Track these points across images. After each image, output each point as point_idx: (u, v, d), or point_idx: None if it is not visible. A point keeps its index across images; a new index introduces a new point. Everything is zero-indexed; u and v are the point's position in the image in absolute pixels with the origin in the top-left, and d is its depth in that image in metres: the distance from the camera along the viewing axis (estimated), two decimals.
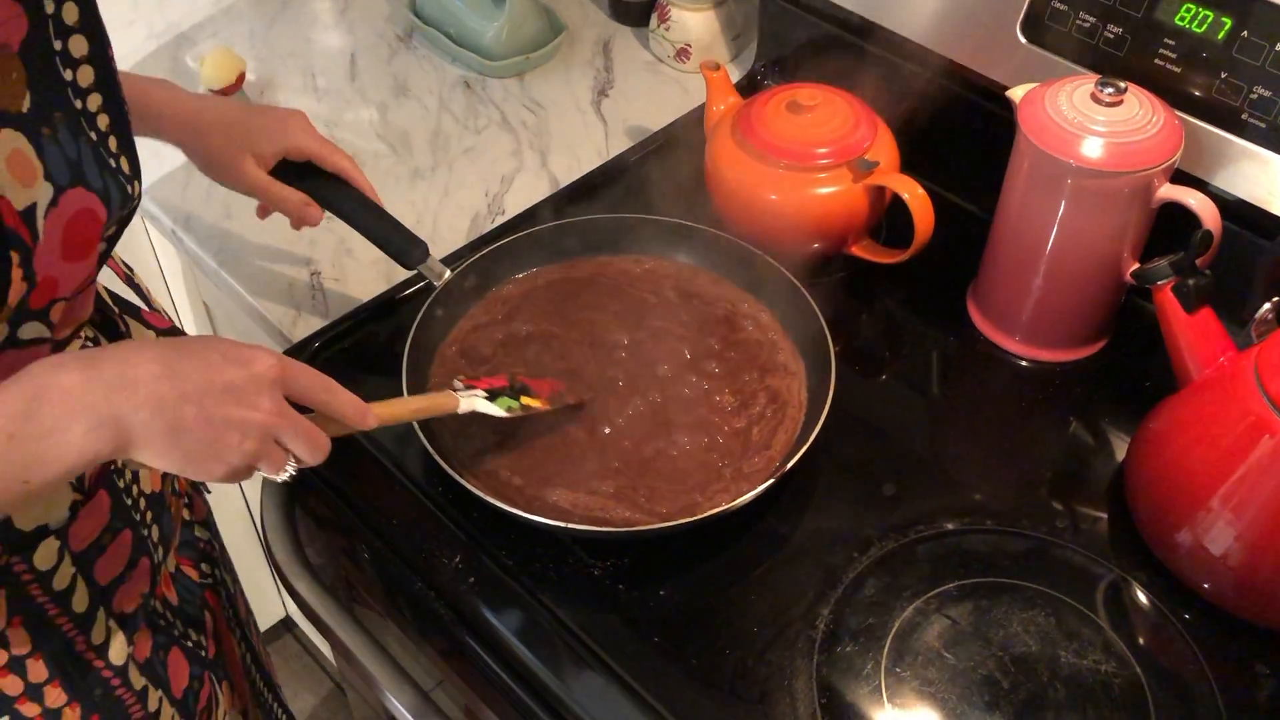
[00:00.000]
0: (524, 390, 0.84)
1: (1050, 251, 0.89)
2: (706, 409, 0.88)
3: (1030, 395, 0.95)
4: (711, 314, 0.95)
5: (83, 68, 0.63)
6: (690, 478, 0.84)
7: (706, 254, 0.99)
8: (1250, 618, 0.78)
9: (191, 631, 0.86)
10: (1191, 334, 0.81)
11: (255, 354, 0.64)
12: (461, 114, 1.22)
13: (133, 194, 0.68)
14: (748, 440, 0.86)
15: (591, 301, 0.96)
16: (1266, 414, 0.73)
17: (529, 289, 0.98)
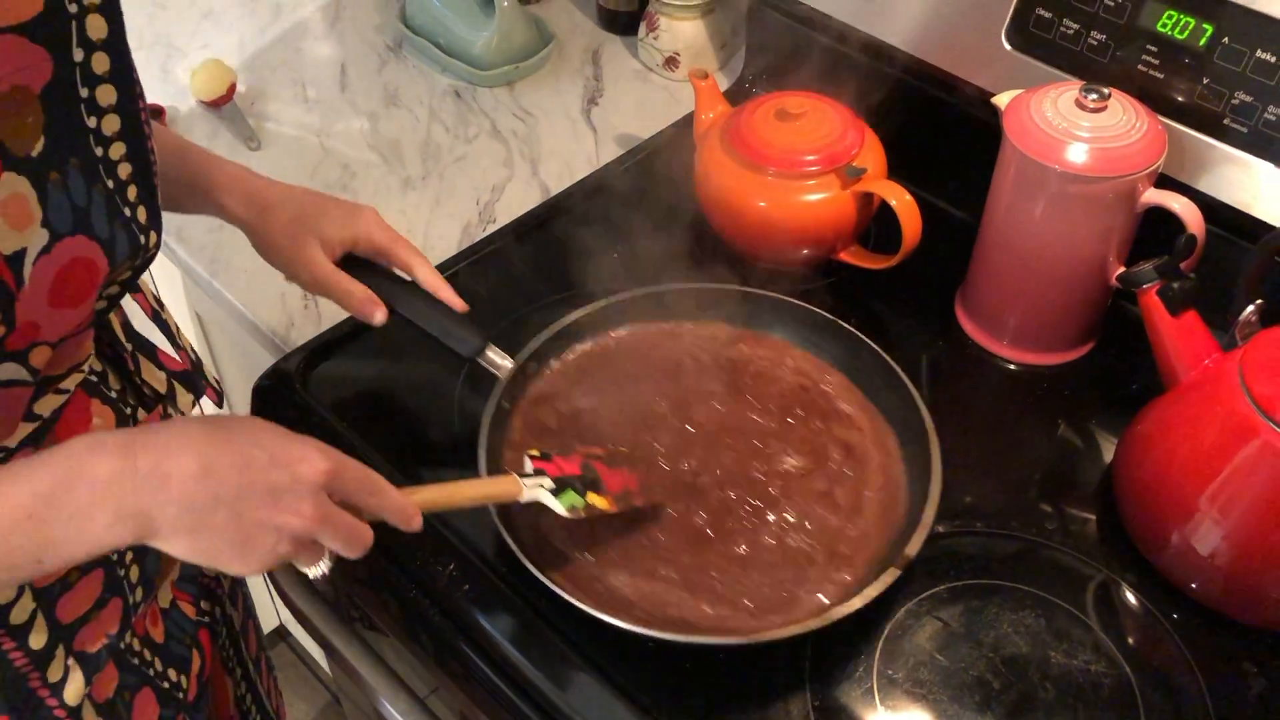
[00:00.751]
0: (594, 483, 0.78)
1: (1037, 256, 0.90)
2: (779, 476, 0.84)
3: (1019, 398, 0.96)
4: (764, 372, 0.92)
5: (108, 116, 0.62)
6: (777, 565, 0.79)
7: (752, 314, 0.95)
8: (1238, 617, 0.79)
9: (172, 671, 0.82)
10: (1177, 337, 0.81)
11: (303, 455, 0.62)
12: (452, 123, 1.23)
13: (147, 244, 0.67)
14: (833, 505, 0.82)
15: (649, 374, 0.92)
16: (1251, 415, 0.73)
17: (586, 365, 0.93)
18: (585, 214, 1.10)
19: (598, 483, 0.78)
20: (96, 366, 0.72)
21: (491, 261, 1.05)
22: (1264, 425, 0.73)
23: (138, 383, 0.77)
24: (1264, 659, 0.77)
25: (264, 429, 0.63)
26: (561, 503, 0.75)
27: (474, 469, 0.80)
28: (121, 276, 0.67)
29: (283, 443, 0.62)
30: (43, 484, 0.56)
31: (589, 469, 0.79)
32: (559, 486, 0.75)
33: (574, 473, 0.77)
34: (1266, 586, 0.77)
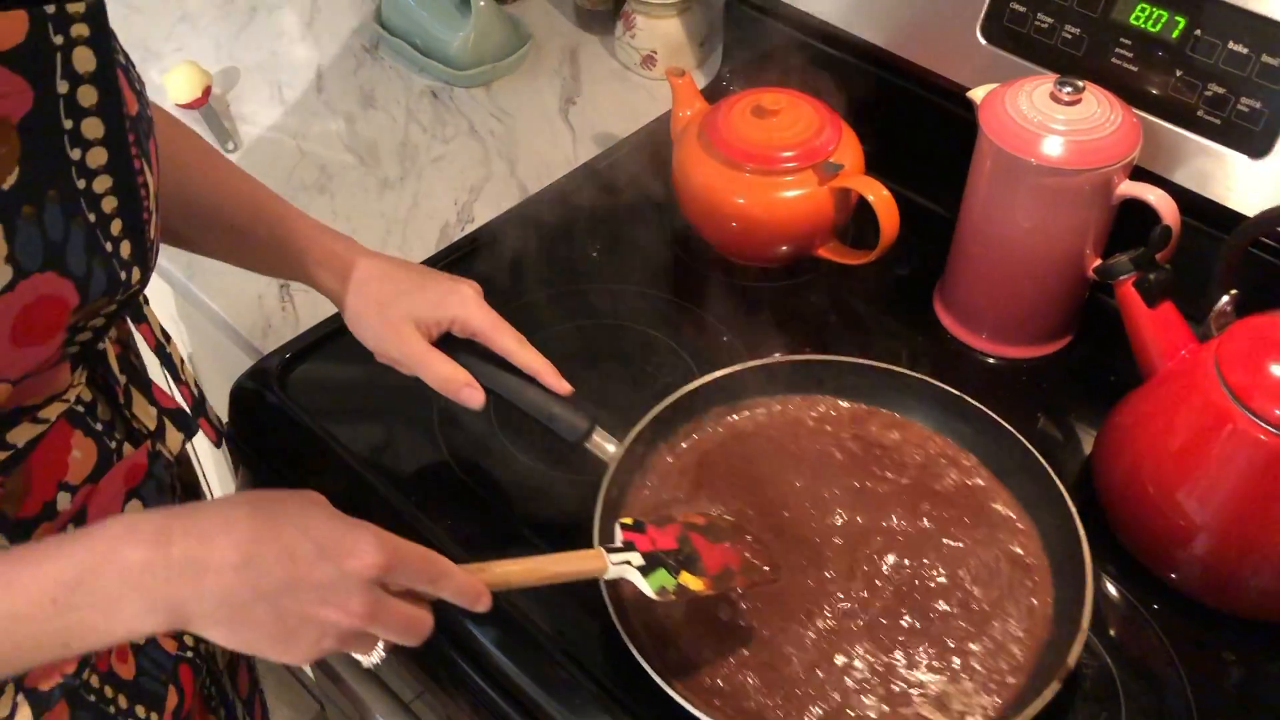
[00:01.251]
0: (690, 559, 0.71)
1: (1014, 249, 0.90)
2: (932, 589, 0.78)
3: (998, 392, 0.95)
4: (904, 462, 0.85)
5: (95, 149, 0.59)
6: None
7: (880, 392, 0.89)
8: (1217, 606, 0.79)
9: (141, 708, 0.77)
10: (1153, 328, 0.82)
11: (355, 545, 0.57)
12: (429, 124, 1.23)
13: (128, 280, 0.63)
14: (1006, 618, 0.76)
15: (772, 455, 0.85)
16: (1227, 405, 0.74)
17: (701, 453, 0.86)
18: (564, 213, 1.10)
19: (694, 560, 0.71)
20: (86, 396, 0.68)
21: (470, 261, 1.05)
22: (1240, 414, 0.73)
23: (126, 417, 0.73)
24: (1243, 648, 0.77)
25: (315, 514, 0.59)
26: (650, 583, 0.68)
27: (454, 477, 0.79)
28: (104, 311, 0.64)
29: (333, 532, 0.58)
30: (70, 569, 0.54)
31: (685, 542, 0.72)
32: (649, 563, 0.69)
33: (668, 546, 0.71)
34: (1245, 575, 0.77)
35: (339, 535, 0.58)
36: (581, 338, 0.99)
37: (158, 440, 0.76)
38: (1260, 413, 0.72)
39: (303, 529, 0.57)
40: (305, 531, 0.57)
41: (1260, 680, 0.77)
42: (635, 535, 0.71)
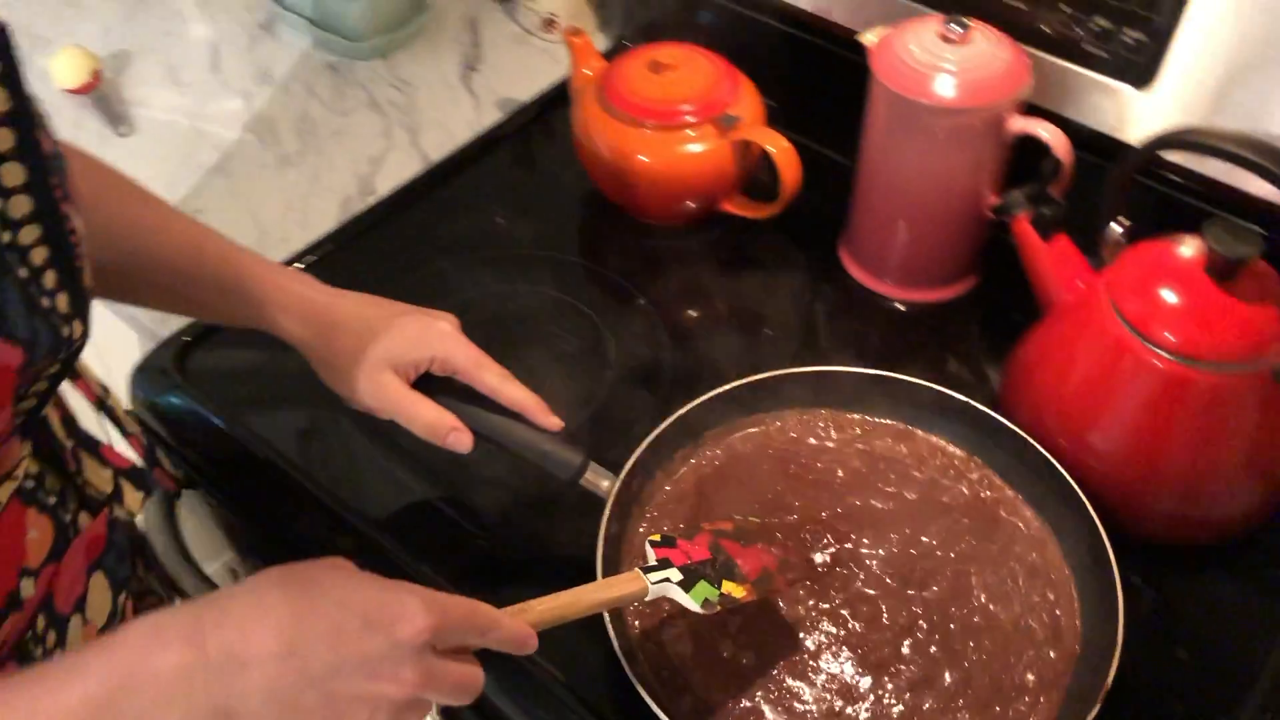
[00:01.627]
0: (727, 567, 0.69)
1: (913, 193, 0.90)
2: (951, 611, 0.74)
3: (908, 337, 0.96)
4: (911, 476, 0.82)
5: (16, 198, 0.54)
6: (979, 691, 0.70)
7: (882, 401, 0.85)
8: (1125, 531, 0.80)
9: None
10: (1050, 261, 0.82)
11: (400, 612, 0.53)
12: (328, 98, 1.20)
13: (70, 336, 0.58)
14: (1030, 635, 0.73)
15: (772, 483, 0.81)
16: (1123, 334, 0.75)
17: (699, 479, 0.82)
18: (467, 180, 1.09)
19: (731, 567, 0.68)
20: (33, 469, 0.63)
21: (373, 233, 1.03)
22: (1135, 341, 0.74)
23: (79, 484, 0.68)
24: (1149, 572, 0.79)
25: (353, 584, 0.55)
26: (694, 598, 0.65)
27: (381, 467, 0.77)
28: (47, 373, 0.59)
29: (376, 599, 0.54)
30: (97, 686, 0.48)
31: (719, 550, 0.69)
32: (688, 577, 0.66)
33: (702, 557, 0.68)
34: (1150, 500, 0.78)
35: (383, 603, 0.54)
36: (490, 305, 0.98)
37: (115, 504, 0.71)
38: (1153, 338, 0.73)
39: (342, 602, 0.53)
40: (346, 605, 0.53)
41: (1170, 602, 0.78)
42: (668, 551, 0.67)
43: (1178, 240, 0.75)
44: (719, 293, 1.01)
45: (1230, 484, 0.78)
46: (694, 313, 0.99)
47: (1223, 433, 0.75)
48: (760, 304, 1.00)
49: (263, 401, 0.91)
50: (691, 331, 0.97)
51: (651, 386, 0.91)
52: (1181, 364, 0.73)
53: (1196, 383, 0.73)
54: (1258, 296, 0.72)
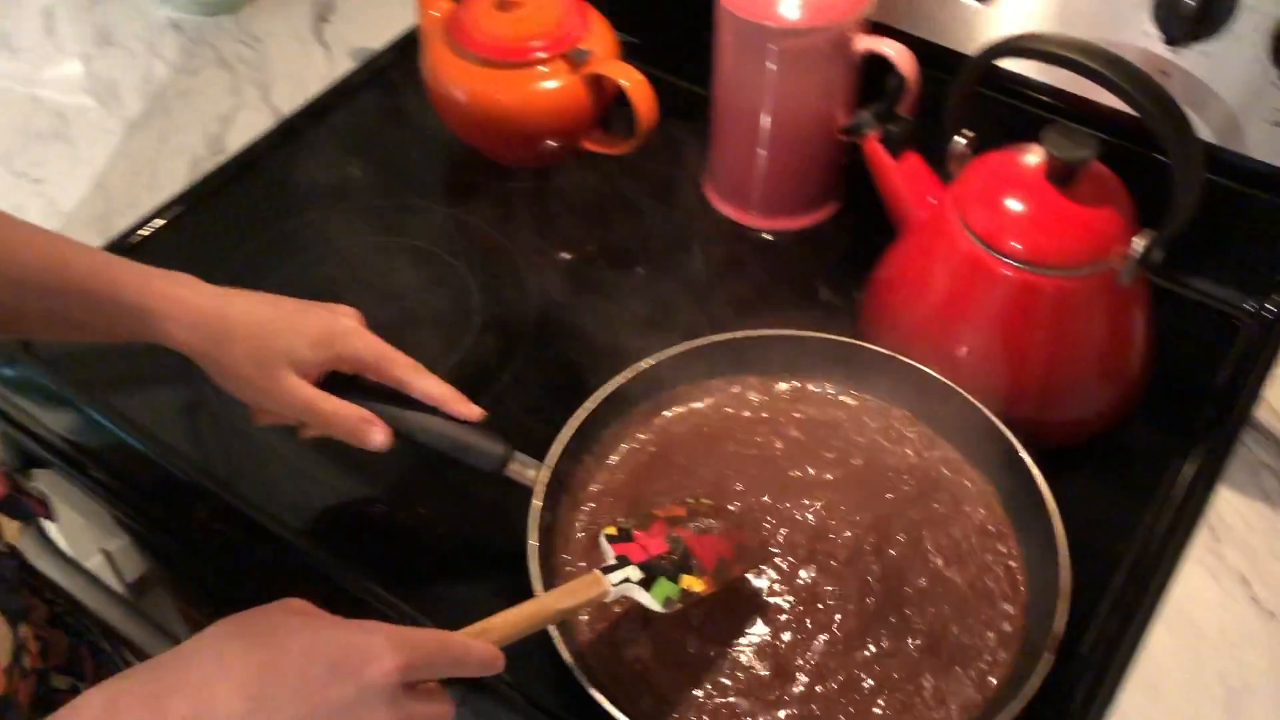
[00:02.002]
0: (685, 559, 0.66)
1: (767, 120, 0.90)
2: (906, 577, 0.72)
3: (776, 266, 0.96)
4: (853, 440, 0.79)
5: None
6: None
7: (800, 362, 0.82)
8: None
9: None
10: (900, 179, 0.83)
11: (367, 655, 0.51)
12: (173, 57, 1.15)
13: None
14: (986, 593, 0.72)
15: (710, 465, 0.78)
16: (971, 246, 0.75)
17: (634, 466, 0.79)
18: (321, 133, 1.06)
19: (689, 559, 0.66)
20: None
21: (225, 193, 1.00)
22: (983, 252, 0.75)
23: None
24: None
25: (315, 629, 0.52)
26: (655, 597, 0.63)
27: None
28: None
29: (341, 643, 0.51)
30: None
31: (676, 542, 0.67)
32: (648, 575, 0.64)
33: (660, 550, 0.65)
34: (1011, 408, 0.78)
35: (349, 646, 0.51)
36: (349, 259, 0.95)
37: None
38: (1000, 248, 0.74)
39: (307, 650, 0.51)
40: (311, 652, 0.51)
41: None
42: (625, 546, 0.65)
43: (1019, 149, 0.76)
44: (587, 233, 0.99)
45: (1086, 386, 0.79)
46: (565, 255, 0.98)
47: (1075, 336, 0.77)
48: (630, 242, 0.99)
49: (138, 377, 0.87)
50: (562, 274, 0.96)
51: (521, 333, 0.90)
52: (1029, 271, 0.74)
53: (1045, 289, 0.74)
54: (1098, 199, 0.73)
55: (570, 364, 0.86)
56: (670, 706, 0.67)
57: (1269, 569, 0.75)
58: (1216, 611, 0.74)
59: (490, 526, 0.78)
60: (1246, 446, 0.82)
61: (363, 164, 1.03)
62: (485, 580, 0.77)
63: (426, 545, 0.79)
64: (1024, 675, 0.65)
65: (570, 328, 0.90)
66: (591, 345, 0.87)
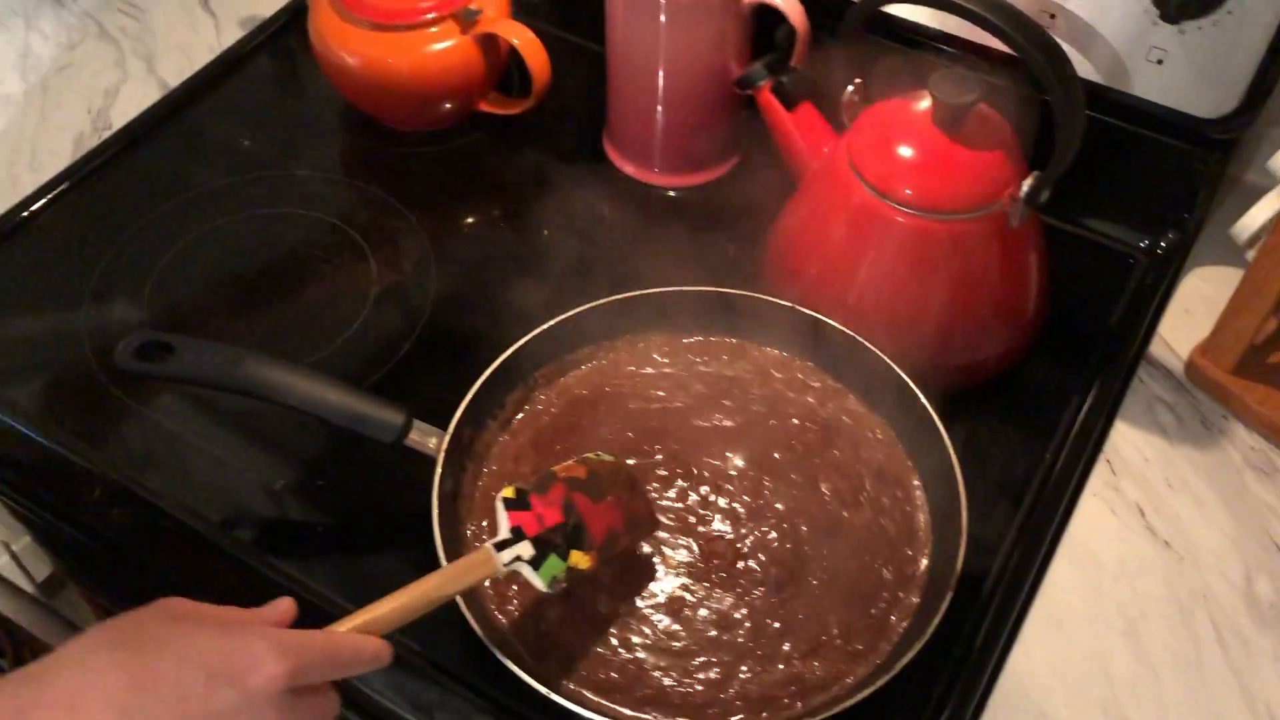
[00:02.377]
0: (578, 532, 0.65)
1: (661, 75, 0.89)
2: (816, 510, 0.73)
3: (680, 222, 0.96)
4: (753, 393, 0.79)
5: None
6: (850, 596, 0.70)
7: (703, 317, 0.82)
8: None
9: None
10: (796, 131, 0.82)
11: (250, 661, 0.49)
12: (51, 31, 1.11)
13: None
14: (885, 535, 0.73)
15: (613, 423, 0.78)
16: (865, 195, 0.75)
17: (536, 428, 0.78)
18: (210, 105, 1.03)
19: (581, 531, 0.65)
20: None
21: (111, 169, 0.97)
22: (876, 200, 0.75)
23: None
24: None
25: (194, 634, 0.50)
26: (542, 577, 0.62)
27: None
28: None
29: (220, 649, 0.49)
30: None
31: (571, 510, 0.65)
32: (540, 551, 0.63)
33: (555, 520, 0.64)
34: (914, 354, 0.79)
35: (229, 652, 0.49)
36: (242, 232, 0.93)
37: None
38: (893, 196, 0.74)
39: (183, 657, 0.48)
40: (187, 659, 0.48)
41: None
42: (521, 514, 0.64)
43: (909, 97, 0.76)
44: (487, 197, 0.98)
45: (983, 328, 0.80)
46: (465, 220, 0.97)
47: (969, 279, 0.77)
48: (532, 204, 0.98)
49: (30, 367, 0.85)
50: (465, 239, 0.95)
51: (421, 302, 0.89)
52: (921, 217, 0.74)
53: (937, 233, 0.75)
54: (986, 143, 0.74)
55: (473, 331, 0.85)
56: (578, 664, 0.67)
57: (1164, 500, 0.77)
58: (1115, 544, 0.75)
59: (394, 496, 0.77)
60: (1142, 382, 0.84)
61: (254, 135, 1.01)
62: (392, 551, 0.76)
63: (331, 520, 0.78)
64: (928, 615, 0.66)
65: (473, 294, 0.89)
66: (495, 310, 0.86)
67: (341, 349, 0.85)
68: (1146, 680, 0.69)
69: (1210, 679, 0.69)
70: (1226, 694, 0.68)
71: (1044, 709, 0.68)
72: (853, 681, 0.66)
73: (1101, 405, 0.81)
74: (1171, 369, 0.84)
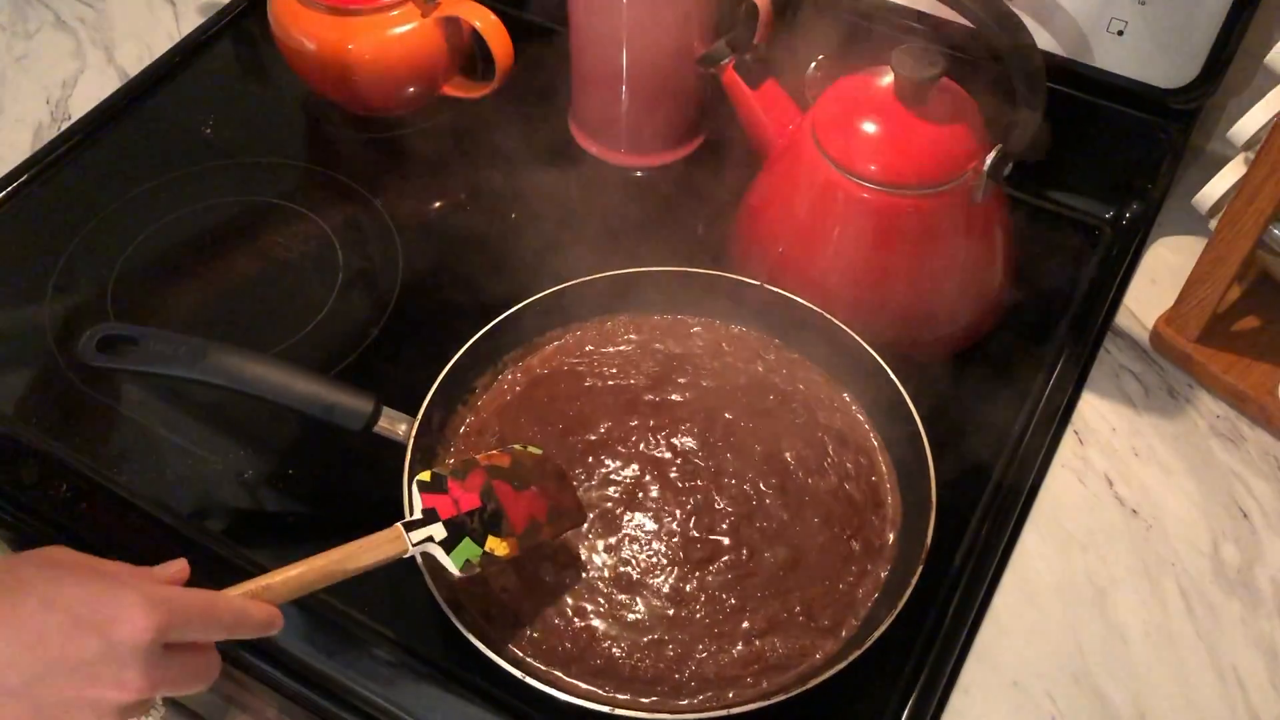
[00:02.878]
0: (495, 517, 0.64)
1: (625, 55, 0.88)
2: (783, 478, 0.74)
3: (646, 202, 0.95)
4: (706, 367, 0.80)
5: None
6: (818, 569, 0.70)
7: (669, 297, 0.82)
8: None
9: None
10: (761, 108, 0.82)
11: (119, 611, 0.48)
12: (7, 20, 1.10)
13: None
14: (851, 503, 0.73)
15: (573, 403, 0.78)
16: (829, 171, 0.75)
17: (499, 408, 0.78)
18: (170, 93, 1.02)
19: (499, 517, 0.65)
20: None
21: (71, 160, 0.96)
22: (840, 177, 0.75)
23: None
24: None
25: (64, 581, 0.49)
26: (454, 560, 0.62)
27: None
28: None
29: (89, 598, 0.48)
30: None
31: (489, 496, 0.65)
32: (453, 534, 0.62)
33: (472, 505, 0.64)
34: (880, 329, 0.79)
35: (97, 601, 0.49)
36: (205, 221, 0.92)
37: None
38: (857, 171, 0.74)
39: (48, 601, 0.48)
40: (52, 604, 0.48)
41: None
42: (435, 497, 0.63)
43: (871, 73, 0.76)
44: (453, 181, 0.97)
45: (949, 301, 0.81)
46: (431, 204, 0.96)
47: (935, 253, 0.78)
48: (498, 189, 0.97)
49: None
50: (431, 224, 0.94)
51: (389, 288, 0.88)
52: (885, 192, 0.74)
53: (902, 208, 0.75)
54: (949, 118, 0.74)
55: (442, 315, 0.84)
56: (536, 633, 0.67)
57: (1131, 469, 0.78)
58: (1083, 513, 0.76)
59: (365, 483, 0.77)
60: (1108, 352, 0.84)
61: (216, 123, 1.00)
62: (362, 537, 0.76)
63: (302, 509, 0.77)
64: (898, 588, 0.66)
65: (440, 279, 0.89)
66: (463, 295, 0.85)
67: (309, 337, 0.84)
68: (1117, 648, 0.70)
69: (1179, 645, 0.70)
70: (1195, 659, 0.69)
71: (1016, 679, 0.68)
72: (821, 658, 0.67)
73: (1068, 376, 0.82)
74: (1137, 339, 0.85)
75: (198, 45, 1.06)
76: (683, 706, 0.65)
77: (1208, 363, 0.81)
